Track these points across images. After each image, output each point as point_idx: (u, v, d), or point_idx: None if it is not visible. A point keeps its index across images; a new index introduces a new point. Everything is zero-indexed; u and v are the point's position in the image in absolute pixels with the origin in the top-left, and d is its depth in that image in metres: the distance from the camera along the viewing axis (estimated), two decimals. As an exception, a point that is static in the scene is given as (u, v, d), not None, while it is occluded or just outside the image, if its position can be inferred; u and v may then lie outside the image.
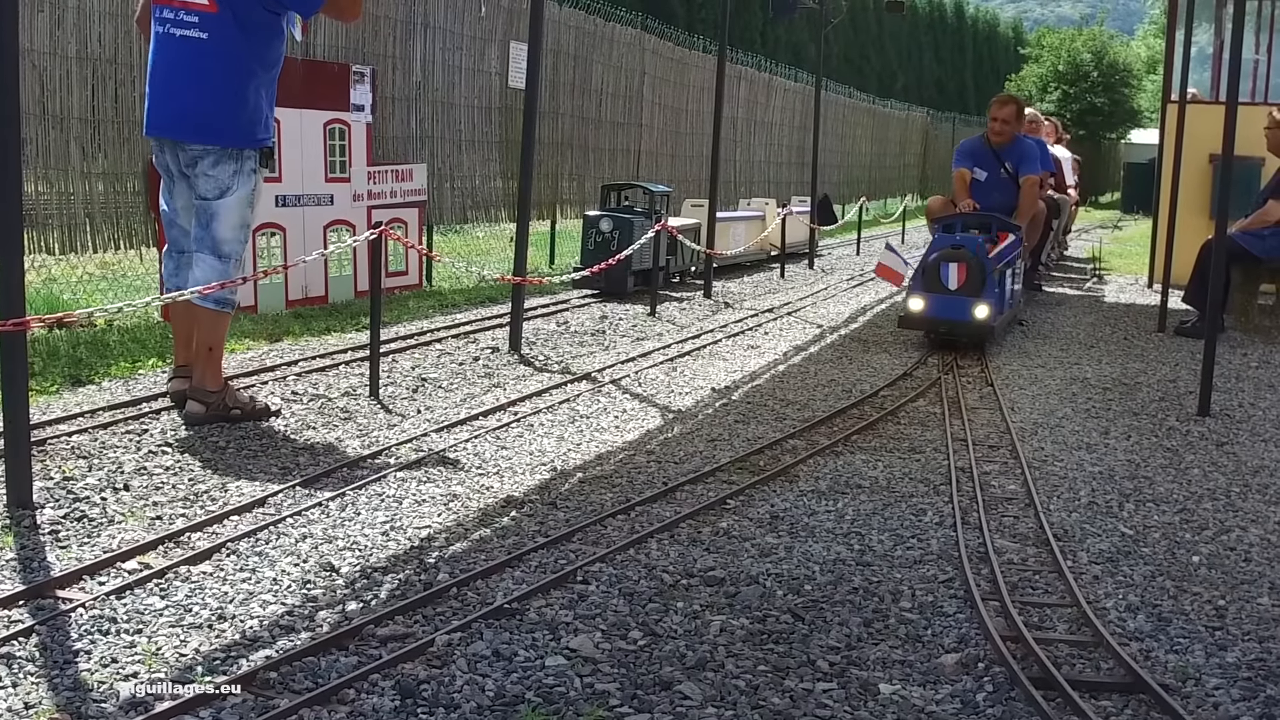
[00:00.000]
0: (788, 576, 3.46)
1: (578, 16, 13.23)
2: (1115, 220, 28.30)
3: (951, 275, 7.39)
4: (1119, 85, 42.03)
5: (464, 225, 11.86)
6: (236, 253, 4.95)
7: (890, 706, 2.70)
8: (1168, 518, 4.21)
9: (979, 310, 7.28)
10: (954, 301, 7.36)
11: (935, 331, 7.55)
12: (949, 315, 7.38)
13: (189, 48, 4.80)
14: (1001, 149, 9.45)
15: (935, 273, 7.45)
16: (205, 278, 4.83)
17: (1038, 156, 9.67)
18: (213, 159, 4.87)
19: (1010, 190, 9.39)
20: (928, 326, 7.57)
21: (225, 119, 4.85)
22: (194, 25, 4.79)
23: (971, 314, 7.30)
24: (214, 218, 4.90)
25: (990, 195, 9.29)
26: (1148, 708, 2.73)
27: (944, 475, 4.64)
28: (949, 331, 7.42)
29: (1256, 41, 13.45)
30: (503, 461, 4.60)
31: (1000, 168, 9.42)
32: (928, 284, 7.47)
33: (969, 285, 7.35)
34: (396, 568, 3.41)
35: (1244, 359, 7.73)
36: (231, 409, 4.95)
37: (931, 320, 7.47)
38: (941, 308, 7.40)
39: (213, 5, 4.77)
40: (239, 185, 4.92)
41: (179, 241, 5.08)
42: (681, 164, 16.65)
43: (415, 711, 2.54)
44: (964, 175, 9.49)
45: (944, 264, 7.45)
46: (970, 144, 9.87)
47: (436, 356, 6.67)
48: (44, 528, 3.58)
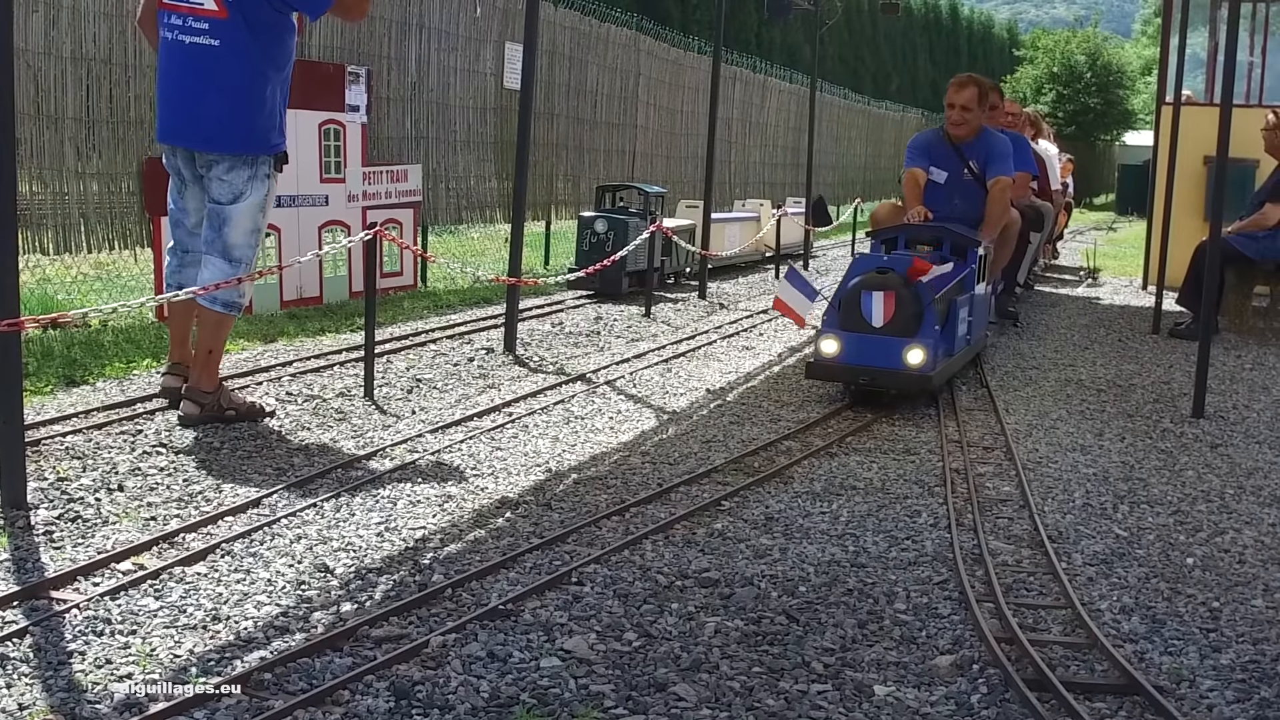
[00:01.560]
0: (782, 578, 3.46)
1: (573, 17, 13.23)
2: (1110, 222, 28.36)
3: (875, 308, 5.64)
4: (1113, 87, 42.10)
5: (459, 226, 11.85)
6: (247, 258, 4.94)
7: (885, 708, 2.70)
8: (1162, 520, 4.22)
9: (911, 355, 5.57)
10: (878, 343, 5.62)
11: (854, 383, 5.82)
12: (871, 361, 5.63)
13: (201, 54, 4.75)
14: (965, 143, 7.55)
15: (855, 305, 5.71)
16: (214, 280, 4.82)
17: (1010, 153, 7.69)
18: (227, 164, 4.86)
19: (976, 195, 7.51)
20: (844, 377, 5.80)
21: (240, 126, 4.82)
22: (204, 32, 4.74)
23: (902, 359, 5.58)
24: (226, 222, 4.89)
25: (950, 201, 7.50)
26: (1142, 709, 2.74)
27: (938, 477, 4.65)
28: (871, 382, 5.70)
29: (1251, 44, 13.49)
30: (497, 462, 4.60)
31: (963, 167, 7.55)
32: (845, 320, 5.72)
33: (898, 321, 5.62)
34: (391, 569, 3.41)
35: (1238, 361, 7.74)
36: (226, 410, 4.94)
37: (849, 369, 5.69)
38: (861, 351, 5.64)
39: (222, 10, 4.71)
40: (252, 191, 4.91)
41: (184, 241, 5.07)
42: (676, 165, 16.66)
43: (410, 713, 2.54)
44: (916, 177, 7.60)
45: (866, 293, 5.67)
46: (926, 137, 7.94)
47: (431, 357, 6.67)
48: (38, 528, 3.58)
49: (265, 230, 5.09)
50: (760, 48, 31.04)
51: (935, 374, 5.68)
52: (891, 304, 5.63)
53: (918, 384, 5.64)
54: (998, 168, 7.45)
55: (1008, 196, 7.54)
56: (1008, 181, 7.49)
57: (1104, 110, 41.78)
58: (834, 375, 5.84)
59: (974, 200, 7.49)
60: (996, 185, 7.40)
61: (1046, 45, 43.41)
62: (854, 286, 5.76)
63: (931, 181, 7.57)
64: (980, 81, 7.68)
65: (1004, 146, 7.60)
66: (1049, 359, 7.55)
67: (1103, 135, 43.22)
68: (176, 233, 5.10)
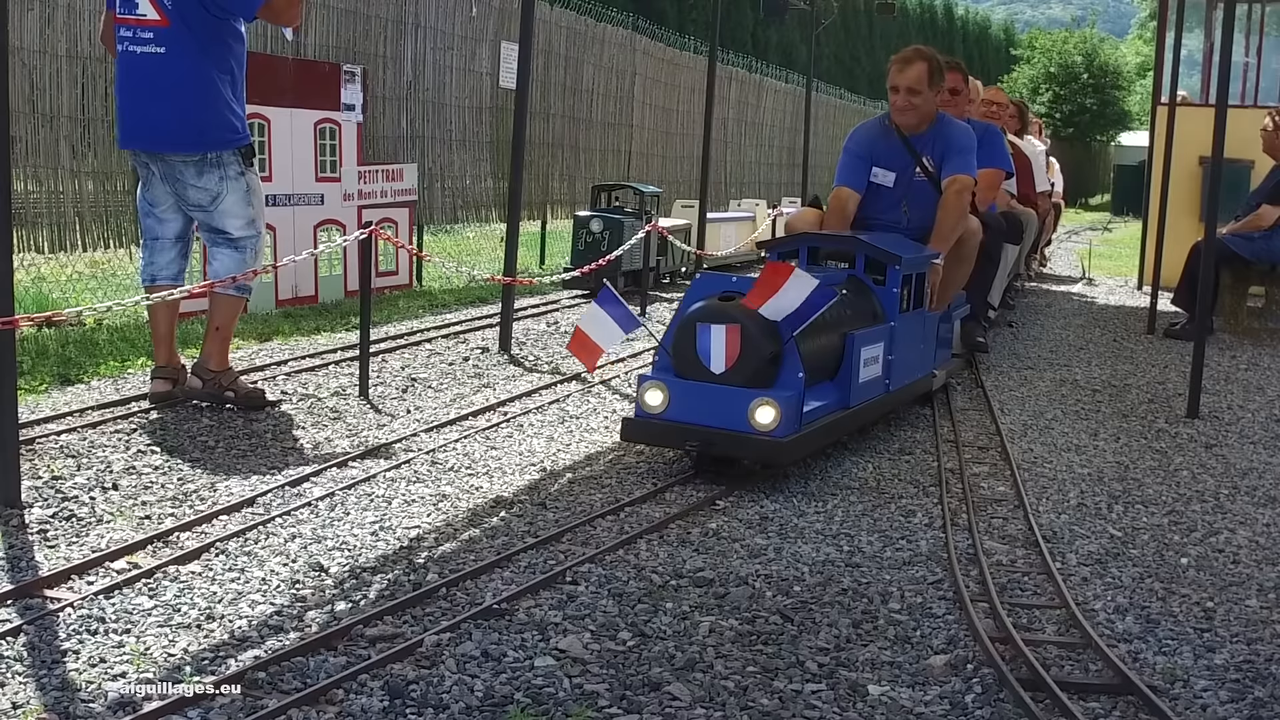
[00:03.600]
0: (777, 577, 3.46)
1: (569, 17, 13.24)
2: (1105, 222, 28.41)
3: (715, 347, 4.22)
4: (1109, 87, 42.20)
5: (454, 225, 11.85)
6: (252, 244, 5.17)
7: (879, 708, 2.70)
8: (1156, 520, 4.23)
9: (760, 413, 4.13)
10: (718, 395, 4.22)
11: (681, 448, 4.38)
12: (706, 420, 4.21)
13: (149, 62, 4.95)
14: (917, 135, 5.99)
15: (689, 342, 4.30)
16: (226, 269, 5.10)
17: (973, 147, 6.07)
18: (195, 170, 5.02)
19: (932, 199, 5.96)
20: (669, 439, 4.38)
21: (195, 129, 4.98)
22: (150, 41, 4.94)
23: (749, 418, 4.14)
24: (215, 219, 5.11)
25: (898, 208, 6.02)
26: (1136, 709, 2.74)
27: (933, 477, 4.65)
28: (706, 448, 4.22)
29: (1246, 45, 13.50)
30: (492, 462, 4.60)
31: (915, 164, 5.99)
32: (678, 362, 4.35)
33: (744, 366, 4.22)
34: (385, 568, 3.41)
35: (1233, 361, 7.75)
36: (226, 390, 5.09)
37: (675, 429, 4.27)
38: (695, 405, 4.24)
39: (164, 20, 4.91)
40: (228, 189, 5.06)
41: (153, 229, 5.23)
42: (672, 165, 16.67)
43: (404, 712, 2.54)
44: (843, 201, 5.94)
45: (703, 327, 4.24)
46: (870, 130, 6.22)
47: (426, 356, 6.67)
48: (32, 527, 3.58)
49: (264, 216, 5.28)
50: (756, 48, 31.07)
51: (794, 440, 4.21)
52: (736, 342, 4.20)
53: (769, 454, 4.19)
54: (956, 164, 5.92)
55: (966, 200, 5.96)
56: (968, 181, 5.92)
57: (1100, 111, 41.89)
58: (655, 437, 4.42)
59: (929, 206, 5.97)
60: (953, 185, 5.87)
61: (1044, 45, 43.51)
62: (689, 318, 4.33)
63: (876, 185, 6.02)
64: (929, 56, 5.98)
65: (966, 139, 6.06)
66: (1044, 359, 7.55)
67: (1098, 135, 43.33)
68: (147, 222, 5.27)
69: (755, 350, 4.21)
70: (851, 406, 4.72)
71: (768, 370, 4.26)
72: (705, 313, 4.29)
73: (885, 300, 5.10)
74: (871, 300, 5.09)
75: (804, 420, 4.29)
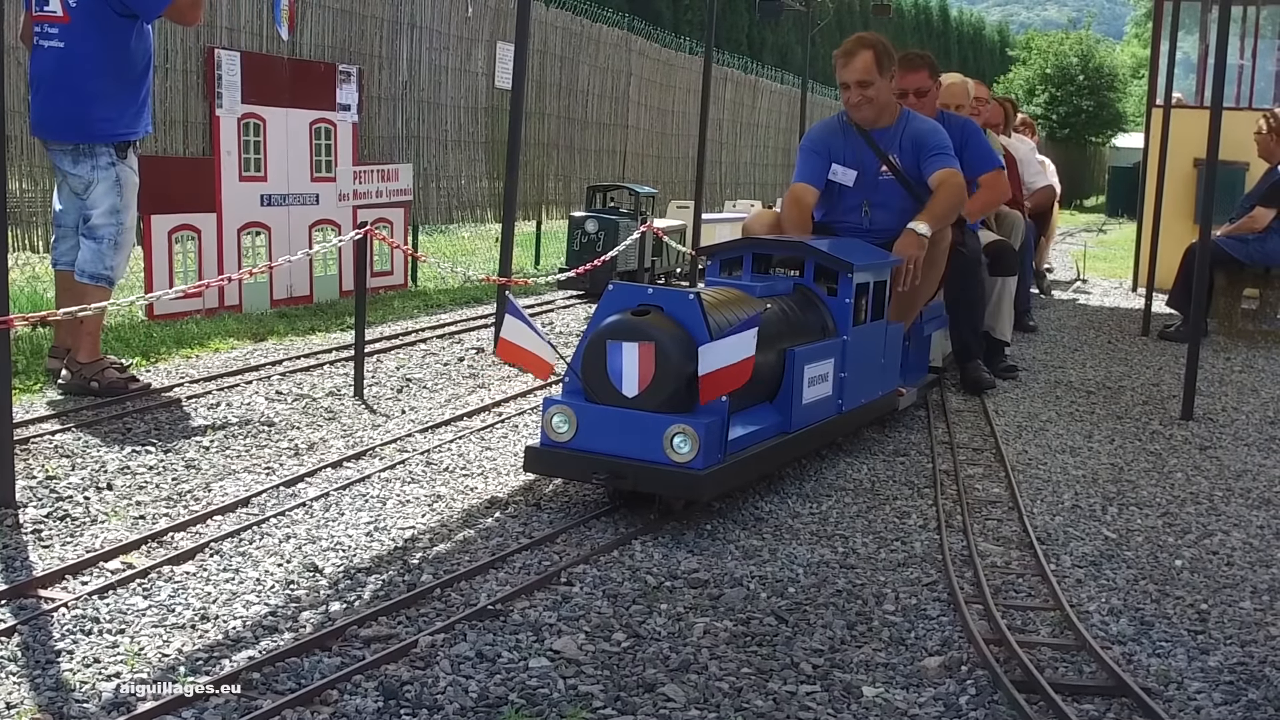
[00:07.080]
0: (771, 579, 3.46)
1: (564, 17, 13.23)
2: (1100, 224, 28.43)
3: (627, 367, 3.78)
4: (1104, 89, 42.26)
5: (449, 225, 11.84)
6: (110, 234, 5.33)
7: (873, 709, 2.70)
8: (1150, 521, 4.23)
9: (679, 442, 3.71)
10: (629, 421, 3.78)
11: (588, 480, 3.91)
12: (617, 449, 3.79)
13: (51, 57, 5.26)
14: (879, 130, 5.59)
15: (599, 362, 3.85)
16: (83, 259, 5.32)
17: (947, 142, 5.60)
18: (70, 158, 5.30)
19: (897, 200, 5.57)
20: (575, 470, 3.92)
21: (77, 119, 5.25)
22: (54, 36, 5.26)
23: (664, 448, 3.72)
24: (87, 208, 5.34)
25: (855, 210, 5.65)
26: (1130, 711, 2.74)
27: (928, 478, 4.65)
28: (614, 478, 3.78)
29: (1241, 47, 13.53)
30: (487, 462, 4.60)
31: (880, 162, 5.58)
32: (589, 383, 3.90)
33: (659, 388, 3.76)
34: (380, 568, 3.40)
35: (1227, 363, 7.76)
36: (90, 381, 5.25)
37: (582, 459, 3.84)
38: (604, 433, 3.82)
39: (65, 16, 5.22)
40: (98, 178, 5.30)
41: (58, 217, 5.49)
42: (667, 165, 16.66)
43: (398, 713, 2.54)
44: (800, 197, 5.55)
45: (614, 344, 3.81)
46: (828, 127, 5.79)
47: (421, 357, 6.66)
48: (26, 527, 3.57)
49: (134, 210, 5.49)
50: (752, 48, 31.07)
51: (714, 473, 3.76)
52: (650, 362, 3.75)
53: (685, 488, 3.75)
54: (941, 162, 5.49)
55: (963, 194, 5.60)
56: (960, 177, 5.55)
57: (1095, 112, 41.95)
58: (560, 468, 3.97)
59: (895, 208, 5.54)
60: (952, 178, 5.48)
61: (1040, 46, 43.57)
62: (597, 334, 3.87)
63: (836, 184, 5.62)
64: (873, 42, 5.51)
65: (937, 135, 5.60)
66: (1038, 361, 7.56)
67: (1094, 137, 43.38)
68: (54, 210, 5.57)
69: (672, 371, 3.73)
70: (793, 431, 4.29)
71: (686, 393, 3.77)
72: (616, 329, 3.81)
73: (837, 312, 4.66)
74: (821, 312, 4.65)
75: (730, 449, 3.86)
